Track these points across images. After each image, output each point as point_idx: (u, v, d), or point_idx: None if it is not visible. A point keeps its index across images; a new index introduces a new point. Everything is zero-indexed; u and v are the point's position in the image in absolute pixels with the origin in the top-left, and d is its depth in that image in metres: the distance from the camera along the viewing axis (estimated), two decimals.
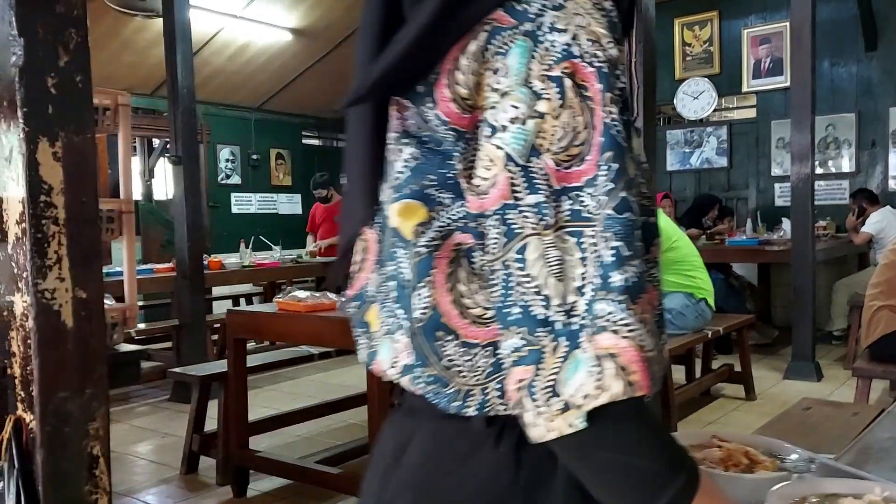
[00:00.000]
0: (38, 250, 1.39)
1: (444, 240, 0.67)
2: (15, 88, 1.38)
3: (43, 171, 1.40)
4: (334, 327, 3.04)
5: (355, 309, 0.79)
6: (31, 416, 1.41)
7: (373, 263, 0.77)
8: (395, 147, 0.71)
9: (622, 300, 0.58)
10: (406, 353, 0.71)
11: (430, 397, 0.70)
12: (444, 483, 0.71)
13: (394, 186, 0.70)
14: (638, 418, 0.61)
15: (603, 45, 0.62)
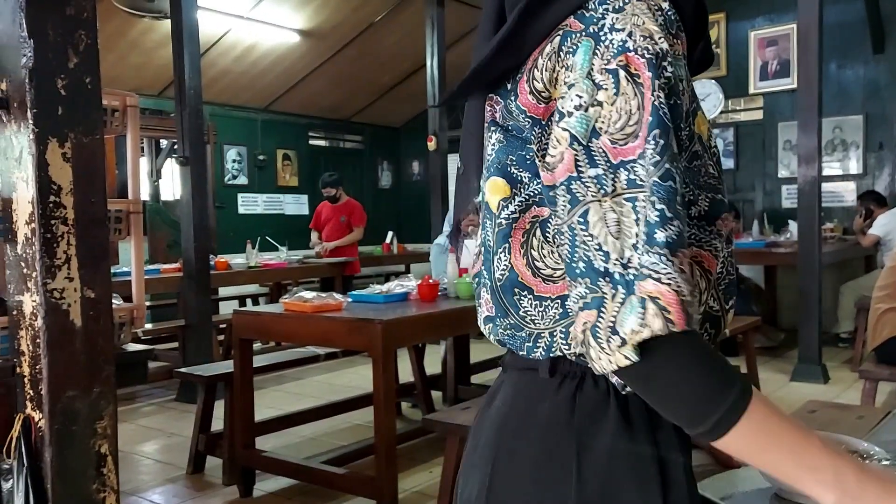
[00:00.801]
0: (47, 250, 1.40)
1: (523, 213, 0.83)
2: (25, 90, 1.39)
3: (52, 172, 1.41)
4: (340, 328, 3.05)
5: (475, 286, 0.94)
6: (39, 415, 1.42)
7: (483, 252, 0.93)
8: (487, 134, 0.87)
9: (664, 253, 0.69)
10: (488, 307, 0.88)
11: (507, 342, 0.86)
12: (516, 422, 0.85)
13: (485, 167, 0.86)
14: (687, 348, 0.71)
15: (655, 39, 0.74)
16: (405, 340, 3.43)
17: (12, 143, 1.43)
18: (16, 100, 1.41)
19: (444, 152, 6.63)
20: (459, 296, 3.51)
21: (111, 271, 1.51)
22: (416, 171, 10.34)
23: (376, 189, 10.25)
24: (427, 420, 2.87)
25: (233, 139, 8.42)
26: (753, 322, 4.85)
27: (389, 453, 2.87)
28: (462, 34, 8.25)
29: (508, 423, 0.86)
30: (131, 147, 1.89)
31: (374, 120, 9.97)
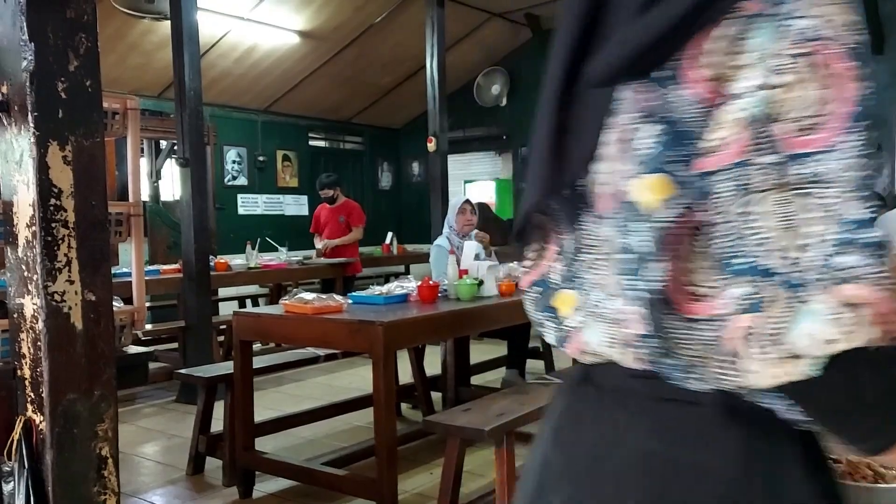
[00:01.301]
0: (47, 253, 1.40)
1: (683, 216, 0.72)
2: (26, 93, 1.39)
3: (53, 175, 1.41)
4: (341, 329, 3.05)
5: (537, 295, 0.87)
6: (40, 418, 1.42)
7: (555, 252, 0.85)
8: (632, 126, 0.75)
9: (868, 254, 0.63)
10: (637, 325, 0.74)
11: (657, 369, 0.73)
12: (672, 470, 0.72)
13: (637, 164, 0.74)
14: (873, 363, 0.63)
15: (851, 28, 0.68)
16: (405, 342, 3.44)
17: (13, 147, 1.43)
18: (16, 103, 1.42)
19: (443, 153, 6.63)
20: (460, 297, 3.52)
21: (111, 272, 1.52)
22: (416, 172, 10.35)
23: (376, 190, 10.26)
24: (428, 422, 2.87)
25: (233, 140, 8.43)
26: None
27: (390, 455, 2.88)
28: (462, 36, 8.26)
29: (660, 471, 0.72)
30: (132, 150, 1.89)
31: (374, 121, 9.98)
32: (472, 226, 4.65)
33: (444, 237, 4.59)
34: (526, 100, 9.04)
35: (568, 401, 0.83)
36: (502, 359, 5.17)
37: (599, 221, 0.78)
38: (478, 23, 8.32)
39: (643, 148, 0.74)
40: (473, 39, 8.60)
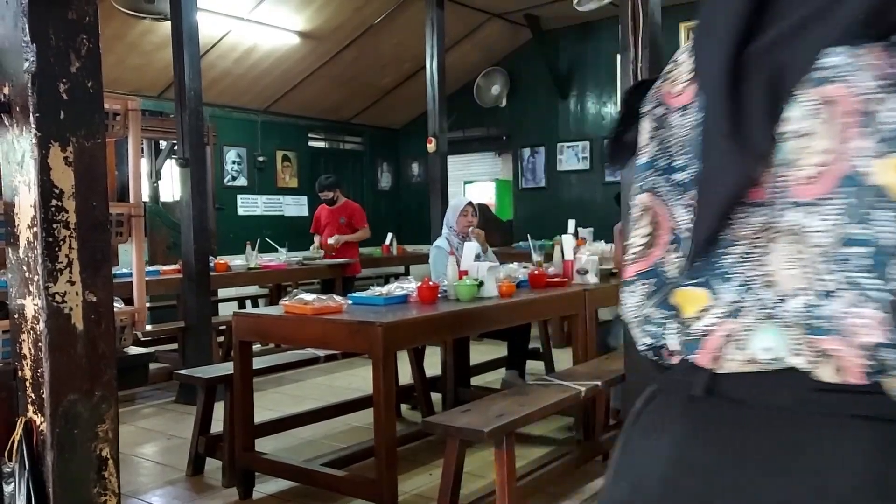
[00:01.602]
0: (49, 254, 1.40)
1: None
2: (27, 94, 1.39)
3: (54, 176, 1.41)
4: (341, 330, 3.05)
5: (648, 287, 0.77)
6: (41, 419, 1.42)
7: (667, 241, 0.77)
8: (873, 97, 0.65)
9: None
10: (872, 332, 0.63)
11: (884, 383, 0.62)
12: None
13: (880, 140, 0.64)
14: None
15: None
16: (405, 343, 3.43)
17: (14, 147, 1.43)
18: (18, 104, 1.42)
19: (443, 154, 6.63)
20: (460, 298, 3.52)
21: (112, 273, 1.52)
22: (416, 173, 10.35)
23: (376, 190, 10.26)
24: (427, 422, 2.87)
25: (232, 140, 8.43)
26: None
27: (390, 455, 2.87)
28: (462, 36, 8.26)
29: None
30: (132, 151, 1.89)
31: (374, 121, 9.98)
32: (471, 226, 4.66)
33: (444, 238, 4.59)
34: (526, 100, 9.04)
35: (691, 423, 0.71)
36: (502, 360, 5.17)
37: (783, 207, 0.66)
38: (477, 23, 8.32)
39: (891, 122, 0.63)
40: (473, 40, 8.60)
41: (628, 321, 0.80)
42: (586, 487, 3.41)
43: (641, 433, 0.76)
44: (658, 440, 0.73)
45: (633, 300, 0.79)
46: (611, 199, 8.07)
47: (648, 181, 0.79)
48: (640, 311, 0.78)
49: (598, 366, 3.70)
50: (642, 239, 0.78)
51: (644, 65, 3.21)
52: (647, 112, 0.81)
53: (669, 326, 0.75)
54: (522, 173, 9.11)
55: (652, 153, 0.79)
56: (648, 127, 0.80)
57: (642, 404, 0.78)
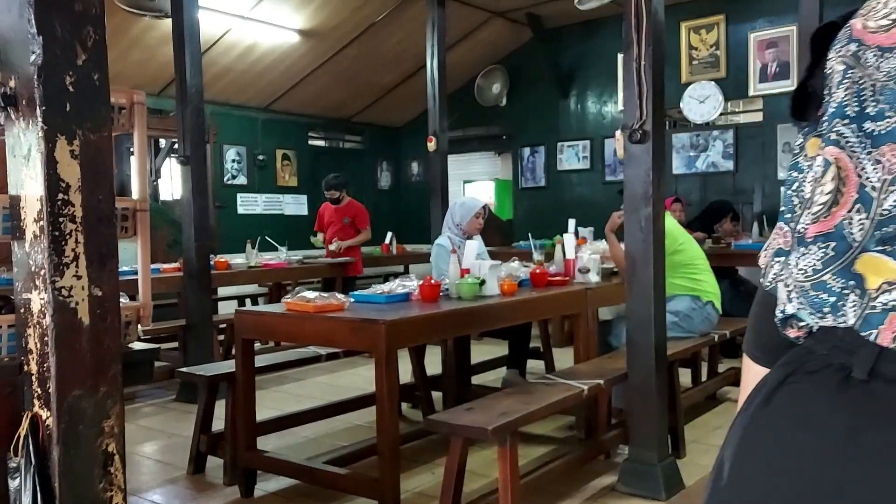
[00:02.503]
0: (55, 248, 1.39)
1: None
2: (34, 86, 1.39)
3: (61, 169, 1.40)
4: (343, 328, 3.04)
5: (828, 253, 0.69)
6: (47, 413, 1.41)
7: (853, 198, 0.67)
8: None
9: None
10: None
11: None
12: None
13: None
14: None
15: None
16: (408, 341, 3.42)
17: (20, 141, 1.42)
18: (24, 97, 1.41)
19: (443, 153, 6.61)
20: (461, 296, 3.51)
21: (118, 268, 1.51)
22: (416, 172, 10.34)
23: (376, 189, 10.25)
24: (430, 420, 2.87)
25: (232, 139, 8.41)
26: None
27: (393, 454, 2.87)
28: (462, 35, 8.25)
29: None
30: (139, 145, 1.88)
31: (374, 120, 9.97)
32: (479, 230, 4.63)
33: (446, 237, 4.58)
34: (526, 99, 9.03)
35: (855, 410, 0.63)
36: (502, 359, 5.16)
37: None
38: (478, 22, 8.31)
39: None
40: (474, 39, 8.59)
41: (791, 284, 0.72)
42: (588, 486, 3.40)
43: (777, 423, 0.69)
44: (809, 432, 0.66)
45: (805, 262, 0.70)
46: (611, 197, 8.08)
47: (834, 131, 0.70)
48: (813, 277, 0.69)
49: (600, 365, 3.69)
50: (825, 196, 0.69)
51: (647, 62, 3.20)
52: (837, 53, 0.73)
53: (850, 298, 0.66)
54: (522, 172, 9.10)
55: (840, 99, 0.70)
56: (839, 69, 0.71)
57: (770, 388, 0.71)
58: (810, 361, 0.69)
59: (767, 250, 0.81)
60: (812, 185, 0.72)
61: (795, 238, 0.73)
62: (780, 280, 0.75)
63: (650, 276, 3.25)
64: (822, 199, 0.69)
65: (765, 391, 0.72)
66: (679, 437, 3.71)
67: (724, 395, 4.88)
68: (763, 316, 0.80)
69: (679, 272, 4.21)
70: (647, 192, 3.23)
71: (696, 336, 4.24)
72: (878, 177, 0.65)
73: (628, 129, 3.24)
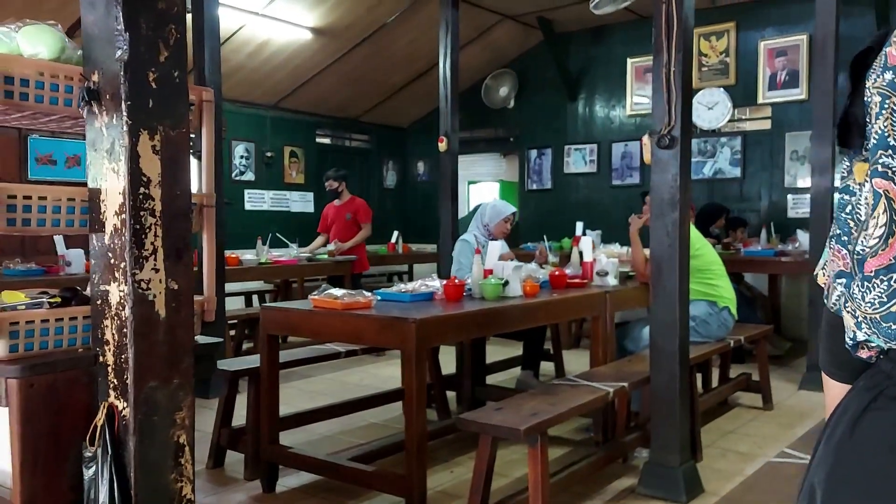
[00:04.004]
0: (136, 241, 1.41)
1: None
2: (119, 82, 1.41)
3: (143, 164, 1.42)
4: (372, 325, 3.07)
5: (889, 285, 0.70)
6: (123, 404, 1.43)
7: None
8: None
9: None
10: None
11: None
12: None
13: None
14: None
15: None
16: (436, 339, 3.45)
17: (102, 135, 1.44)
18: (108, 92, 1.43)
19: (454, 153, 6.64)
20: (485, 296, 3.54)
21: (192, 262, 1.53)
22: (422, 172, 10.36)
23: (382, 189, 10.26)
24: (461, 419, 2.89)
25: (241, 135, 8.42)
26: (766, 330, 4.90)
27: (420, 451, 2.89)
28: (473, 37, 8.28)
29: None
30: (207, 142, 1.90)
31: (381, 120, 9.98)
32: (506, 235, 4.67)
33: (472, 234, 4.61)
34: (534, 102, 9.07)
35: None
36: (514, 359, 5.19)
37: None
38: (489, 24, 8.34)
39: None
40: (484, 41, 8.62)
41: (859, 317, 0.74)
42: (608, 488, 3.44)
43: (868, 450, 0.70)
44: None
45: (871, 296, 0.72)
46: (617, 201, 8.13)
47: (880, 163, 0.71)
48: (883, 309, 0.71)
49: (620, 368, 3.73)
50: (879, 229, 0.70)
51: (677, 69, 3.24)
52: (873, 84, 0.74)
53: None
54: (529, 175, 9.14)
55: (881, 129, 0.72)
56: (876, 100, 0.73)
57: (855, 414, 0.73)
58: (891, 387, 0.71)
59: (826, 270, 0.83)
60: (865, 212, 0.74)
61: (855, 260, 0.75)
62: (845, 308, 0.77)
63: (675, 281, 3.29)
64: (878, 233, 0.71)
65: (849, 416, 0.73)
66: (697, 441, 3.75)
67: (735, 401, 4.92)
68: (833, 336, 0.82)
69: (696, 277, 4.24)
70: (675, 197, 3.26)
71: (711, 341, 4.28)
72: None
73: (656, 135, 3.28)
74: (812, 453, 0.82)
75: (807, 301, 5.44)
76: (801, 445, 2.58)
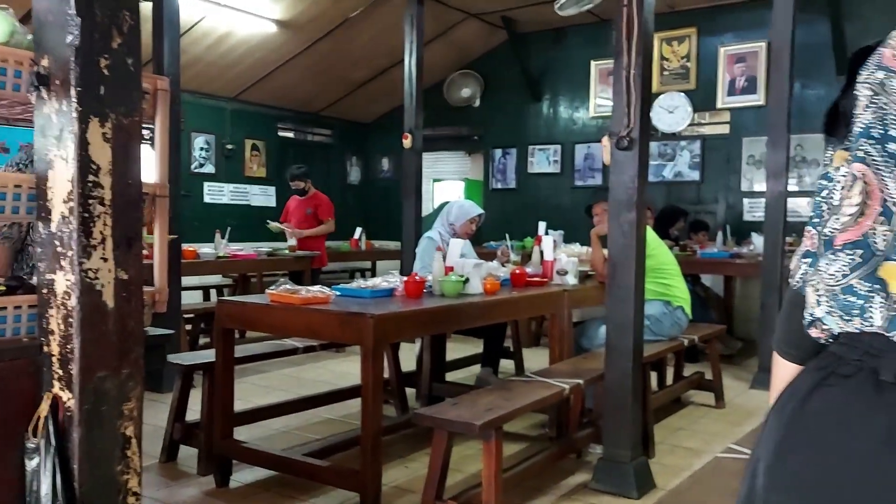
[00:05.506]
0: (84, 230, 1.39)
1: None
2: (69, 68, 1.38)
3: (92, 151, 1.40)
4: (331, 321, 3.06)
5: (855, 259, 0.75)
6: (68, 395, 1.41)
7: (877, 211, 0.75)
8: None
9: None
10: None
11: None
12: None
13: None
14: None
15: None
16: (394, 335, 3.45)
17: (52, 121, 1.42)
18: (58, 77, 1.40)
19: (418, 150, 6.64)
20: (445, 293, 3.55)
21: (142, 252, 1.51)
22: (385, 168, 10.34)
23: (345, 184, 10.22)
24: (417, 414, 2.90)
25: (201, 127, 8.31)
26: (719, 330, 5.00)
27: (375, 446, 2.89)
28: (437, 34, 8.28)
29: None
30: (161, 131, 1.88)
31: (344, 114, 9.94)
32: (470, 235, 4.68)
33: (436, 231, 4.61)
34: (498, 102, 9.10)
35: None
36: (474, 357, 5.22)
37: None
38: (453, 22, 8.35)
39: None
40: (448, 38, 8.63)
41: (821, 289, 0.78)
42: (561, 484, 3.48)
43: (815, 426, 0.74)
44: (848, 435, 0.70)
45: (833, 268, 0.77)
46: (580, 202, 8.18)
47: (862, 149, 0.78)
48: (842, 281, 0.76)
49: (576, 365, 3.77)
50: (852, 208, 0.76)
51: (637, 71, 3.28)
52: (864, 79, 0.80)
53: (875, 300, 0.73)
54: (493, 174, 9.17)
55: (867, 121, 0.78)
56: (866, 94, 0.79)
57: (805, 392, 0.76)
58: (843, 366, 0.75)
59: (797, 253, 0.88)
60: (840, 195, 0.79)
61: (822, 241, 0.80)
62: (808, 283, 0.81)
63: (631, 281, 3.34)
64: (850, 211, 0.77)
65: (800, 395, 0.76)
66: (649, 437, 3.81)
67: (688, 399, 5.01)
68: (793, 314, 0.86)
69: (651, 277, 4.30)
70: (632, 197, 3.31)
71: (665, 340, 4.35)
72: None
73: (616, 136, 3.32)
74: (758, 436, 0.84)
75: (759, 303, 5.55)
76: (747, 441, 2.63)
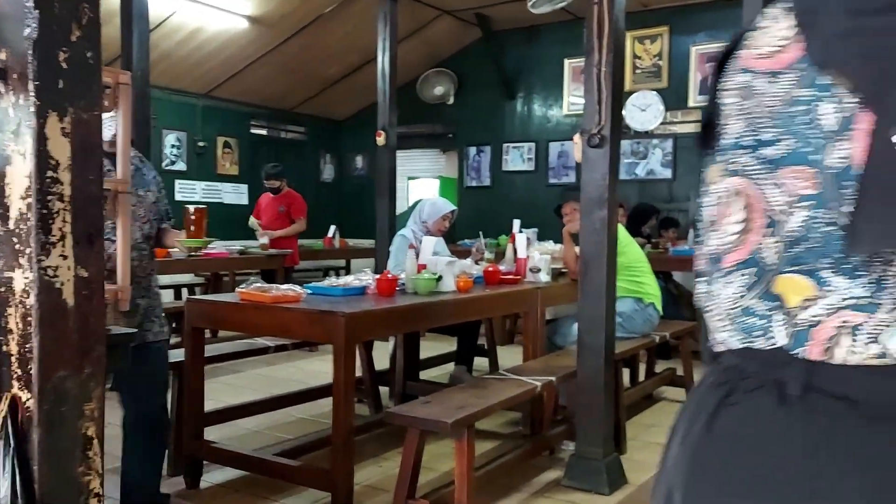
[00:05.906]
0: (42, 227, 1.36)
1: None
2: (27, 61, 1.35)
3: (51, 147, 1.37)
4: (302, 319, 3.04)
5: (747, 278, 0.71)
6: (27, 395, 1.38)
7: (762, 226, 0.70)
8: None
9: None
10: None
11: None
12: None
13: None
14: None
15: None
16: (366, 333, 3.43)
17: (9, 115, 1.38)
18: (15, 71, 1.37)
19: (392, 148, 6.62)
20: (418, 291, 3.54)
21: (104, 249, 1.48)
22: (359, 166, 10.29)
23: (318, 182, 10.15)
24: (389, 413, 2.89)
25: (171, 124, 8.21)
26: (690, 327, 5.03)
27: (347, 446, 2.88)
28: (410, 31, 8.26)
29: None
30: (123, 126, 1.84)
31: (318, 112, 9.88)
32: (443, 232, 4.66)
33: (409, 229, 4.59)
34: (472, 99, 9.11)
35: (802, 428, 0.65)
36: (448, 355, 5.22)
37: None
38: (427, 19, 8.34)
39: None
40: (421, 36, 8.61)
41: (720, 313, 0.74)
42: (534, 481, 3.49)
43: (728, 447, 0.69)
44: (764, 454, 0.67)
45: (728, 291, 0.73)
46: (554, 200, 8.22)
47: (736, 162, 0.72)
48: (740, 303, 0.72)
49: (548, 362, 3.78)
50: (736, 226, 0.72)
51: (608, 69, 3.29)
52: (727, 86, 0.75)
53: (776, 318, 0.69)
54: (468, 171, 9.18)
55: (736, 131, 0.72)
56: (731, 101, 0.73)
57: (710, 412, 0.71)
58: (745, 380, 0.70)
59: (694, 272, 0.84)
60: (717, 211, 0.74)
61: (709, 259, 0.76)
62: (706, 309, 0.77)
63: (603, 278, 3.35)
64: (734, 229, 0.72)
65: (705, 415, 0.72)
66: (621, 433, 3.83)
67: (659, 395, 5.05)
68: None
69: (622, 274, 4.32)
70: (603, 195, 3.32)
71: (637, 337, 4.38)
72: (782, 200, 0.67)
73: (587, 134, 3.33)
74: (663, 454, 0.80)
75: None
76: None
